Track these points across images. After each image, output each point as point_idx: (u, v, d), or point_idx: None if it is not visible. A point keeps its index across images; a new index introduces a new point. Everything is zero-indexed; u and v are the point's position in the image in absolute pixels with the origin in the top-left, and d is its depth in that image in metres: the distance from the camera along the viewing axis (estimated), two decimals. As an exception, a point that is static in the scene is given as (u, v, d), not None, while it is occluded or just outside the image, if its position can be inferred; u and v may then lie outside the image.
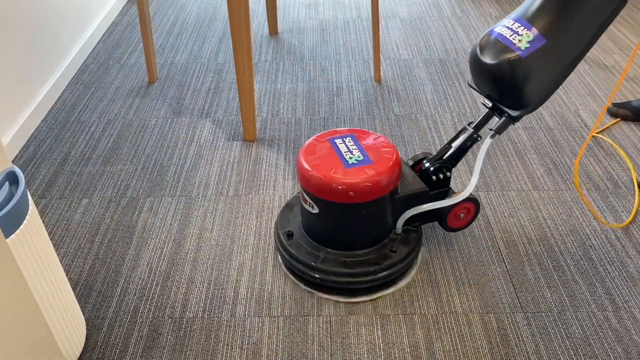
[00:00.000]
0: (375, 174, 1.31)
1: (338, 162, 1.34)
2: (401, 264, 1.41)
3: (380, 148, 1.39)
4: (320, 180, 1.32)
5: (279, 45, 2.64)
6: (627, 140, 1.95)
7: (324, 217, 1.40)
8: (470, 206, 1.49)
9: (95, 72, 2.44)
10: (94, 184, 1.81)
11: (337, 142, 1.41)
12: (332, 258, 1.40)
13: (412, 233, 1.47)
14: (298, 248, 1.43)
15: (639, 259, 1.51)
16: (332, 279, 1.38)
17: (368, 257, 1.40)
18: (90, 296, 1.45)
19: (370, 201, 1.34)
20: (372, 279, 1.38)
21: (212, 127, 2.07)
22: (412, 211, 1.44)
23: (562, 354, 1.28)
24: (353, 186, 1.30)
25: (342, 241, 1.42)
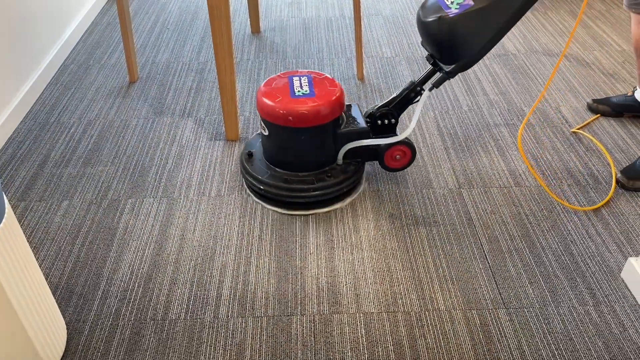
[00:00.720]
0: (314, 105, 1.56)
1: (287, 93, 1.59)
2: (334, 187, 1.64)
3: (327, 87, 1.62)
4: (268, 105, 1.57)
5: (262, 43, 2.63)
6: (607, 136, 1.97)
7: (272, 139, 1.65)
8: (405, 149, 1.69)
9: (75, 73, 2.41)
10: (74, 186, 1.79)
11: (294, 79, 1.66)
12: (277, 175, 1.65)
13: (351, 166, 1.68)
14: (252, 165, 1.69)
15: (619, 253, 1.53)
16: (273, 191, 1.63)
17: (306, 178, 1.64)
18: (71, 299, 1.43)
19: (307, 127, 1.58)
20: (305, 195, 1.63)
21: (194, 127, 2.05)
22: (349, 145, 1.65)
23: (544, 349, 1.29)
24: (292, 112, 1.55)
25: (286, 162, 1.66)
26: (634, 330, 1.33)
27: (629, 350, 1.29)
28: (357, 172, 1.69)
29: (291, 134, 1.59)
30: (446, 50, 1.51)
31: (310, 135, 1.60)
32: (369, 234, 1.60)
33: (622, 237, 1.57)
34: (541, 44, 2.58)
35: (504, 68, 2.39)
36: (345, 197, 1.70)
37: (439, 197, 1.72)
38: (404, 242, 1.57)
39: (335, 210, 1.68)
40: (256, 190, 1.68)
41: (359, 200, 1.71)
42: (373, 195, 1.73)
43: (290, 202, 1.65)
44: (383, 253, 1.54)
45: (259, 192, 1.67)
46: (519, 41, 2.60)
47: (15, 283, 1.09)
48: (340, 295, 1.43)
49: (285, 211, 1.65)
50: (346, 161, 1.68)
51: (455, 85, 2.27)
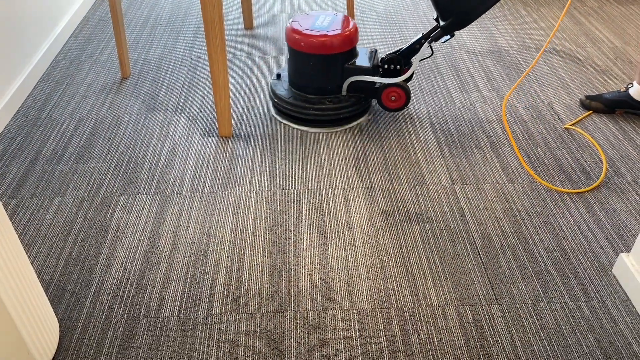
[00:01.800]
0: (322, 36, 1.86)
1: (308, 26, 1.90)
2: (331, 112, 1.94)
3: (344, 27, 1.90)
4: (288, 32, 1.91)
5: (255, 39, 2.62)
6: (599, 132, 1.98)
7: (290, 62, 1.97)
8: (400, 92, 1.93)
9: (67, 69, 2.40)
10: (66, 183, 1.78)
11: (320, 15, 1.97)
12: (290, 93, 1.98)
13: (352, 98, 1.96)
14: (276, 86, 2.03)
15: (611, 249, 1.54)
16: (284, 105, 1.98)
17: (311, 99, 1.95)
18: (64, 297, 1.42)
19: (315, 54, 1.88)
20: (305, 112, 1.95)
21: (186, 123, 2.05)
22: (352, 78, 1.93)
23: (536, 345, 1.30)
24: (304, 39, 1.87)
25: (298, 83, 1.98)
26: (625, 325, 1.34)
27: (620, 345, 1.30)
28: (355, 105, 1.95)
29: (302, 58, 1.90)
30: (443, 6, 1.77)
31: (317, 61, 1.89)
32: (362, 230, 1.60)
33: (613, 233, 1.58)
34: (534, 40, 2.58)
35: (497, 64, 2.39)
36: (343, 123, 1.99)
37: (432, 193, 1.73)
38: (397, 238, 1.57)
39: (329, 206, 1.68)
40: (273, 104, 2.04)
41: (352, 197, 1.71)
42: (366, 192, 1.73)
43: (294, 117, 1.98)
44: (376, 249, 1.54)
45: (275, 105, 2.03)
46: (512, 38, 2.61)
47: (6, 281, 1.08)
48: (334, 291, 1.43)
49: (291, 123, 2.00)
50: (350, 94, 1.96)
51: (449, 81, 2.28)
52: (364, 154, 1.89)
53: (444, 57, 2.45)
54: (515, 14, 2.84)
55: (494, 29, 2.69)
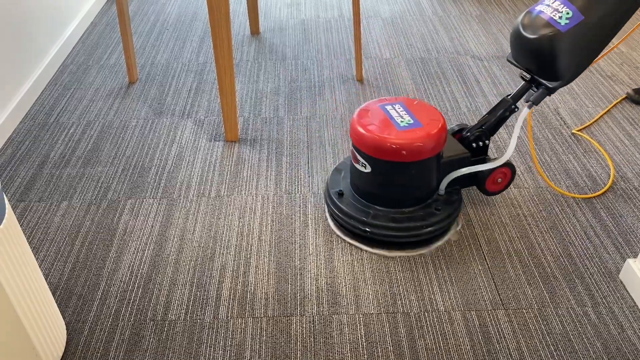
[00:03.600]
0: (426, 135, 1.45)
1: (390, 125, 1.48)
2: (446, 221, 1.54)
3: (428, 114, 1.52)
4: (374, 139, 1.45)
5: (261, 45, 2.63)
6: (605, 138, 1.97)
7: (375, 176, 1.52)
8: (507, 171, 1.62)
9: (75, 73, 2.41)
10: (73, 187, 1.79)
11: (387, 108, 1.55)
12: (381, 214, 1.53)
13: (454, 195, 1.59)
14: (348, 205, 1.56)
15: (618, 255, 1.53)
16: (382, 232, 1.51)
17: (414, 214, 1.53)
18: (71, 300, 1.43)
19: (420, 160, 1.47)
20: (417, 233, 1.51)
21: (193, 128, 2.06)
22: (455, 173, 1.56)
23: (543, 350, 1.30)
24: (405, 145, 1.43)
25: (391, 199, 1.54)
26: (632, 331, 1.33)
27: (627, 351, 1.29)
28: (460, 201, 1.60)
29: (402, 169, 1.48)
30: (551, 66, 1.43)
31: (421, 167, 1.49)
32: (368, 235, 1.60)
33: (620, 239, 1.58)
34: (540, 45, 2.58)
35: (503, 70, 2.40)
36: (450, 228, 1.60)
37: (438, 198, 1.73)
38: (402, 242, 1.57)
39: (335, 211, 1.68)
40: (359, 233, 1.55)
41: (359, 201, 1.71)
42: (372, 197, 1.73)
43: (398, 243, 1.54)
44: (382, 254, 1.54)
45: (362, 234, 1.54)
46: (518, 43, 2.61)
47: (15, 283, 1.09)
48: (340, 296, 1.43)
49: (389, 253, 1.54)
50: (447, 190, 1.59)
51: (455, 86, 2.28)
52: (369, 158, 1.89)
53: (449, 62, 2.46)
54: (521, 19, 2.84)
55: (500, 34, 2.69)
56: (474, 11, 2.94)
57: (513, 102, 1.58)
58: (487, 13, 2.91)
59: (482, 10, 2.94)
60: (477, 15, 2.89)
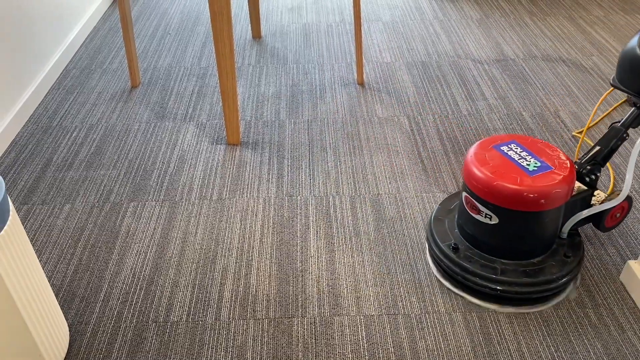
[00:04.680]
0: (562, 180, 1.31)
1: (518, 171, 1.33)
2: (577, 268, 1.41)
3: (550, 153, 1.39)
4: (507, 189, 1.29)
5: (263, 49, 2.65)
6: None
7: (504, 227, 1.36)
8: (625, 205, 1.48)
9: (78, 77, 2.43)
10: (76, 190, 1.80)
11: (506, 150, 1.40)
12: (510, 269, 1.39)
13: (576, 237, 1.46)
14: (470, 261, 1.40)
15: (618, 256, 1.54)
16: (515, 289, 1.36)
17: (545, 265, 1.39)
18: (74, 302, 1.44)
19: (556, 208, 1.34)
20: (555, 286, 1.37)
21: (195, 131, 2.07)
22: (580, 215, 1.42)
23: (544, 351, 1.30)
24: (545, 194, 1.29)
25: (520, 250, 1.39)
26: (632, 332, 1.34)
27: (627, 352, 1.29)
28: (581, 240, 1.47)
29: (536, 218, 1.34)
30: None
31: (554, 215, 1.36)
32: (369, 237, 1.61)
33: (620, 241, 1.58)
34: (540, 49, 2.60)
35: (503, 73, 2.41)
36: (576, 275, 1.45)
37: (439, 200, 1.73)
38: (404, 245, 1.58)
39: (336, 213, 1.69)
40: (488, 292, 1.39)
41: (359, 204, 1.72)
42: (373, 199, 1.74)
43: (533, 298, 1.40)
44: (383, 256, 1.55)
45: (492, 293, 1.39)
46: (518, 46, 2.62)
47: (19, 285, 1.10)
48: (341, 297, 1.44)
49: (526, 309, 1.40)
50: (570, 232, 1.47)
51: (455, 89, 2.29)
52: (370, 161, 1.90)
53: (450, 65, 2.47)
54: (522, 23, 2.85)
55: (500, 38, 2.70)
56: (474, 15, 2.95)
57: (625, 129, 1.47)
58: (487, 17, 2.93)
59: (483, 14, 2.96)
60: (478, 18, 2.91)
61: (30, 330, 1.14)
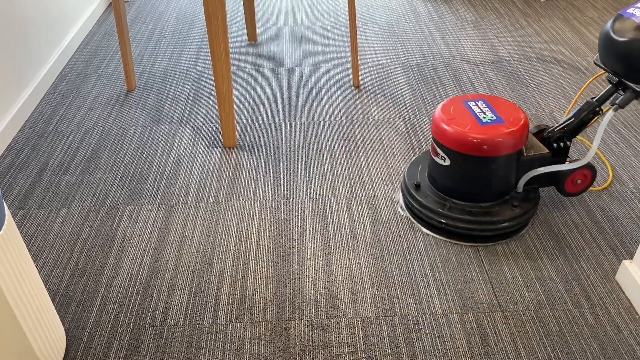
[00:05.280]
0: (508, 132, 1.48)
1: (473, 120, 1.52)
2: (521, 217, 1.57)
3: (511, 111, 1.56)
4: (456, 133, 1.50)
5: (258, 52, 2.65)
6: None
7: (454, 169, 1.56)
8: (587, 173, 1.61)
9: (73, 82, 2.43)
10: (72, 194, 1.80)
11: (470, 104, 1.59)
12: (457, 207, 1.58)
13: (531, 193, 1.61)
14: (426, 197, 1.62)
15: (613, 256, 1.54)
16: (457, 224, 1.56)
17: (490, 209, 1.57)
18: (70, 306, 1.44)
19: (500, 156, 1.51)
20: (493, 228, 1.55)
21: (191, 135, 2.07)
22: (535, 172, 1.58)
23: (540, 351, 1.30)
24: (487, 140, 1.47)
25: (468, 192, 1.58)
26: (628, 332, 1.34)
27: (624, 352, 1.30)
28: (537, 199, 1.62)
29: (481, 163, 1.52)
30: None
31: (500, 163, 1.52)
32: (365, 239, 1.61)
33: (616, 241, 1.59)
34: (535, 50, 2.61)
35: (498, 74, 2.42)
36: (525, 226, 1.63)
37: (435, 202, 1.74)
38: (400, 247, 1.58)
39: (332, 215, 1.69)
40: (434, 224, 1.60)
41: (356, 206, 1.73)
42: (369, 201, 1.75)
43: (477, 236, 1.58)
44: (380, 258, 1.55)
45: (437, 226, 1.59)
46: (513, 48, 2.63)
47: (15, 290, 1.10)
48: (338, 299, 1.44)
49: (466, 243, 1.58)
50: (526, 188, 1.62)
51: (450, 91, 2.30)
52: (367, 163, 1.90)
53: (445, 67, 2.48)
54: (516, 24, 2.86)
55: (495, 39, 2.71)
56: (469, 17, 2.96)
57: (598, 104, 1.59)
58: (482, 18, 2.94)
59: (478, 16, 2.97)
60: (473, 20, 2.92)
61: (27, 335, 1.14)
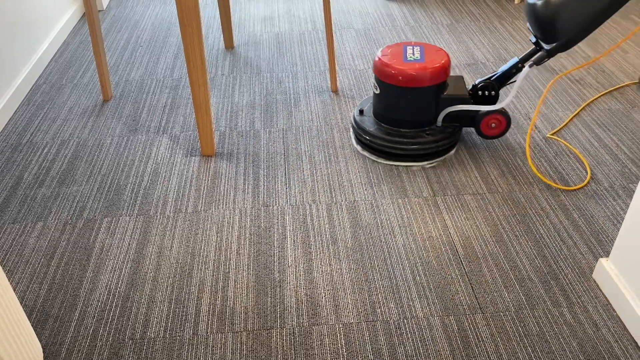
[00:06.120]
0: (421, 68, 1.79)
1: (400, 58, 1.83)
2: (430, 144, 1.85)
3: (435, 56, 1.84)
4: (382, 65, 1.83)
5: (236, 59, 2.64)
6: (575, 141, 2.02)
7: (382, 97, 1.88)
8: (501, 118, 1.88)
9: (48, 93, 2.40)
10: (48, 207, 1.77)
11: (407, 47, 1.90)
12: (382, 129, 1.90)
13: (448, 129, 1.89)
14: (361, 120, 1.94)
15: (590, 255, 1.56)
16: (377, 142, 1.88)
17: (407, 133, 1.87)
18: (47, 322, 1.41)
19: (413, 87, 1.81)
20: (404, 147, 1.85)
21: (169, 144, 2.05)
22: (449, 109, 1.86)
23: (521, 352, 1.31)
24: (402, 73, 1.79)
25: (392, 118, 1.89)
26: (606, 329, 1.36)
27: (602, 349, 1.31)
28: (453, 135, 1.88)
29: (399, 93, 1.83)
30: (548, 30, 1.69)
31: (415, 95, 1.82)
32: (346, 244, 1.61)
33: (592, 239, 1.61)
34: (509, 51, 2.64)
35: (475, 77, 2.44)
36: (439, 155, 1.91)
37: (414, 205, 1.75)
38: (381, 251, 1.59)
39: (313, 221, 1.69)
40: (362, 140, 1.93)
41: (336, 212, 1.73)
42: (350, 206, 1.75)
43: (390, 153, 1.89)
44: (361, 263, 1.55)
45: (364, 142, 1.92)
46: (488, 50, 2.66)
47: (-12, 307, 1.07)
48: (320, 306, 1.43)
49: (385, 161, 1.91)
50: (445, 124, 1.89)
51: (428, 95, 2.31)
52: (346, 169, 1.91)
53: (422, 71, 2.49)
54: (491, 27, 2.89)
55: (471, 42, 2.74)
56: (444, 20, 2.99)
57: (520, 62, 1.84)
58: (457, 22, 2.96)
59: (453, 19, 3.00)
60: (448, 24, 2.94)
61: (1, 355, 1.12)
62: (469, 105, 1.84)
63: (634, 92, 2.30)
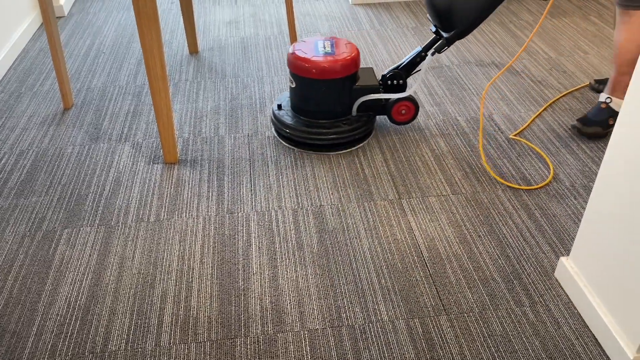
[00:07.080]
0: (329, 61, 1.88)
1: (313, 53, 1.91)
2: (348, 133, 1.95)
3: (349, 50, 1.94)
4: (295, 59, 1.90)
5: (200, 64, 2.62)
6: (537, 141, 2.05)
7: (298, 90, 1.96)
8: (409, 105, 2.01)
9: (6, 101, 2.34)
10: (5, 219, 1.72)
11: (319, 42, 1.99)
12: (300, 121, 1.97)
13: (364, 117, 1.99)
14: (280, 114, 2.00)
15: (552, 254, 1.58)
16: (297, 134, 1.95)
17: (324, 124, 1.96)
18: (4, 338, 1.37)
19: (326, 79, 1.89)
20: (323, 138, 1.95)
21: (131, 152, 2.02)
22: (362, 98, 1.97)
23: (484, 352, 1.32)
24: (315, 66, 1.87)
25: (309, 110, 1.97)
26: (567, 327, 1.38)
27: (564, 347, 1.33)
28: (368, 123, 1.99)
29: (313, 85, 1.90)
30: (445, 19, 1.83)
31: (329, 86, 1.90)
32: (312, 250, 1.60)
33: (554, 238, 1.63)
34: (473, 54, 2.67)
35: (439, 80, 2.46)
36: (357, 143, 2.01)
37: (380, 208, 1.75)
38: (347, 255, 1.58)
39: (278, 227, 1.68)
40: (283, 134, 1.99)
41: (302, 217, 1.72)
42: (316, 211, 1.74)
43: (310, 144, 1.96)
44: (327, 268, 1.55)
45: (285, 135, 1.98)
46: (452, 53, 2.69)
47: None
48: (285, 313, 1.42)
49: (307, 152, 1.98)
50: (360, 114, 1.99)
51: (393, 98, 2.32)
52: (312, 173, 1.90)
53: (387, 74, 2.50)
54: (455, 29, 2.92)
55: (435, 45, 2.76)
56: (409, 23, 3.01)
57: (423, 50, 1.98)
58: (422, 25, 2.99)
59: (418, 23, 3.02)
60: (413, 27, 2.96)
61: (-49, 374, 1.08)
62: (379, 94, 1.96)
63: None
